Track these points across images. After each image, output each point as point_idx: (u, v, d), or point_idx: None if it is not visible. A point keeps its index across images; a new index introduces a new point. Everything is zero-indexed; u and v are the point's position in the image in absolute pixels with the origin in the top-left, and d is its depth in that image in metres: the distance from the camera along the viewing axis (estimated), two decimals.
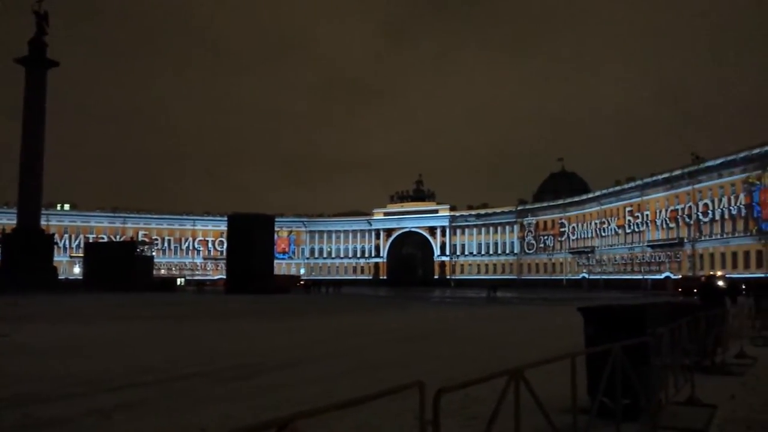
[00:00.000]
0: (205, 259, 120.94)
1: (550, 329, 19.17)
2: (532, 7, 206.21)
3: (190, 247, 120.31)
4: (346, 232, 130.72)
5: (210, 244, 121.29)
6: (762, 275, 60.60)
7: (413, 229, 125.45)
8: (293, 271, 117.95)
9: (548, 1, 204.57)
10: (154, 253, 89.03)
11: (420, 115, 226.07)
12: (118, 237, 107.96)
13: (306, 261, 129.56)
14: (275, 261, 79.51)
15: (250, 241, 58.27)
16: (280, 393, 8.55)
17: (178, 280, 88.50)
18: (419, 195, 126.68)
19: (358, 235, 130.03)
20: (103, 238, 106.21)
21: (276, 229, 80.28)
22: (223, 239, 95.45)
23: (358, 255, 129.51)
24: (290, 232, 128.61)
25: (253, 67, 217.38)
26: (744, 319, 17.57)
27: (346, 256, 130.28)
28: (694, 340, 9.00)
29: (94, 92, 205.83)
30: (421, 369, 10.35)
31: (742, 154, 69.75)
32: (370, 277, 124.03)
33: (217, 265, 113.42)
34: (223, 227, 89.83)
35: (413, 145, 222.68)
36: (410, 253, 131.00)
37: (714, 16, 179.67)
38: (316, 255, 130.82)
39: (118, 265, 65.83)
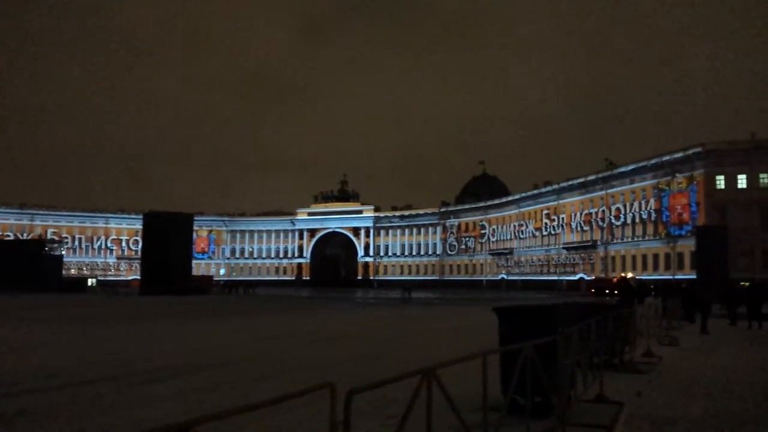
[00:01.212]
0: (118, 258, 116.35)
1: (467, 329, 19.50)
2: (451, 10, 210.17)
3: (103, 246, 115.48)
4: (268, 232, 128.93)
5: (124, 244, 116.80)
6: (669, 277, 64.01)
7: (337, 230, 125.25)
8: (213, 272, 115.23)
9: (466, 4, 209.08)
10: (63, 252, 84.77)
11: (344, 115, 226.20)
12: (25, 235, 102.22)
13: (226, 261, 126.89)
14: (194, 261, 77.46)
15: (166, 241, 56.38)
16: (192, 397, 8.29)
17: (90, 281, 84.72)
18: (344, 195, 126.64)
19: (281, 235, 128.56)
20: (9, 236, 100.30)
21: (195, 228, 78.14)
22: (138, 238, 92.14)
23: (281, 255, 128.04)
24: (210, 231, 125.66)
25: (169, 62, 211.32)
26: (651, 319, 18.43)
27: (269, 257, 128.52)
28: (603, 339, 9.33)
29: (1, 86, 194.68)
30: (339, 370, 10.28)
31: (652, 161, 73.52)
32: (293, 278, 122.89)
33: (132, 265, 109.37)
34: (139, 226, 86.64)
35: (338, 146, 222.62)
36: (334, 254, 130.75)
37: (630, 24, 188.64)
38: (237, 255, 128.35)
39: (25, 265, 62.42)
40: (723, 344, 16.24)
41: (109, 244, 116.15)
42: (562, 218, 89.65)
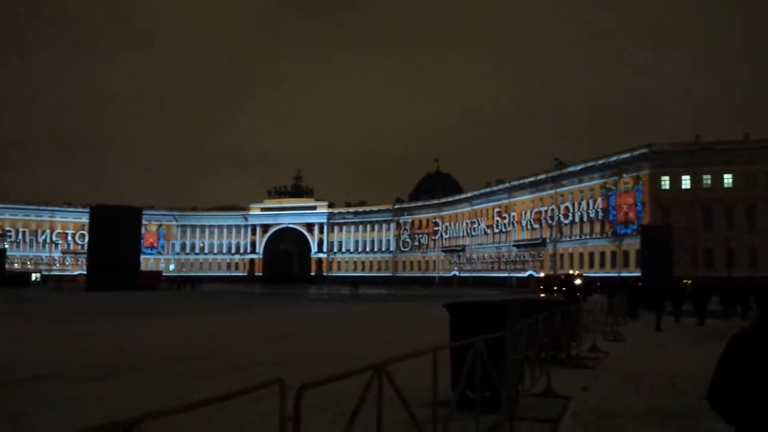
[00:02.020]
0: (64, 253, 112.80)
1: (420, 325, 19.63)
2: (404, 11, 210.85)
3: (48, 240, 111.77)
4: (220, 227, 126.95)
5: (70, 238, 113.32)
6: (615, 274, 65.67)
7: (291, 226, 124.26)
8: (162, 267, 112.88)
9: (419, 5, 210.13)
10: (6, 246, 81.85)
11: (298, 111, 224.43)
12: None
13: (176, 256, 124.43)
14: (142, 256, 75.80)
15: (114, 235, 55.01)
16: (141, 394, 8.12)
17: (33, 275, 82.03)
18: (298, 191, 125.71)
19: (233, 230, 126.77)
20: None
21: (144, 222, 76.43)
22: (85, 232, 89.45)
23: (233, 251, 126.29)
24: (160, 225, 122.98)
25: (116, 54, 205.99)
26: (597, 315, 18.90)
27: (220, 252, 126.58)
28: (551, 335, 9.53)
29: None
30: (292, 366, 10.23)
31: (600, 161, 75.35)
32: (245, 274, 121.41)
33: (78, 260, 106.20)
34: (85, 219, 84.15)
35: (292, 141, 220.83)
36: (287, 250, 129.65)
37: (579, 27, 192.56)
38: (188, 250, 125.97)
39: None
40: (667, 340, 16.76)
41: (54, 238, 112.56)
42: (513, 216, 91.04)
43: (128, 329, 18.45)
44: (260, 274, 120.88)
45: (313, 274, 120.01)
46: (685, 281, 43.48)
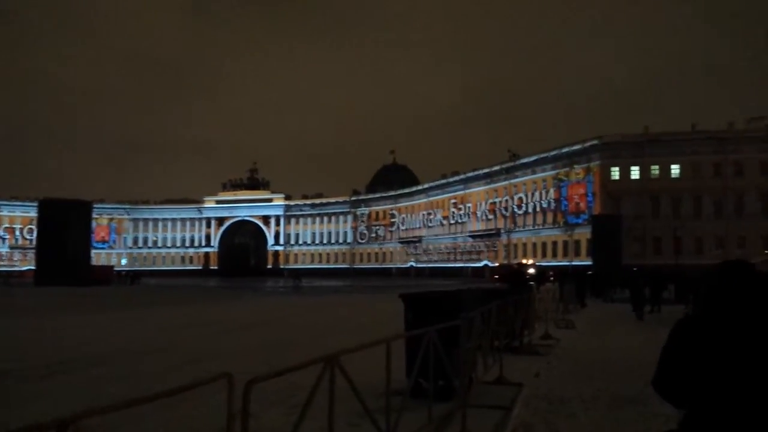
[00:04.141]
0: (11, 248, 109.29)
1: (376, 316, 19.67)
2: (358, 3, 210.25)
3: None
4: (174, 220, 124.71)
5: (17, 232, 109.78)
6: (566, 263, 67.02)
7: (246, 218, 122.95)
8: (114, 262, 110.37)
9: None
10: None
11: (253, 103, 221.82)
12: None
13: (128, 251, 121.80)
14: (93, 251, 73.93)
15: (63, 229, 53.54)
16: (89, 391, 7.93)
17: None
18: (253, 183, 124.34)
19: (188, 223, 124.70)
20: None
21: (95, 216, 74.48)
22: (33, 227, 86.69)
23: (187, 244, 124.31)
24: (111, 219, 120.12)
25: (60, 43, 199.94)
26: (549, 303, 19.27)
27: (174, 246, 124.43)
28: (504, 323, 9.67)
29: None
30: (246, 360, 10.14)
31: (552, 153, 76.71)
32: (200, 268, 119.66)
33: (26, 255, 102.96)
34: (33, 213, 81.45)
35: (248, 133, 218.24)
36: (243, 243, 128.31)
37: (531, 19, 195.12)
38: (140, 244, 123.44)
39: None
40: (618, 327, 17.18)
41: (1, 233, 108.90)
42: (469, 207, 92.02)
43: (78, 325, 17.98)
44: (215, 267, 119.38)
45: (269, 267, 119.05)
46: (634, 269, 44.63)
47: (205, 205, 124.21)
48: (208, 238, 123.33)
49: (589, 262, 52.17)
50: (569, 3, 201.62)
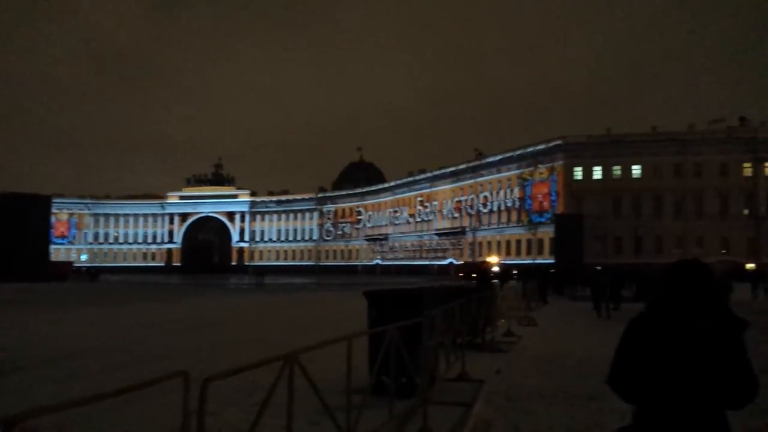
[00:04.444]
0: None
1: (341, 313, 19.63)
2: (319, 3, 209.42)
3: None
4: (135, 216, 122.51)
5: None
6: (530, 261, 67.88)
7: (211, 214, 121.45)
8: (74, 258, 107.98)
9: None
10: None
11: (219, 98, 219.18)
12: None
13: (89, 246, 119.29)
14: (52, 246, 72.23)
15: (21, 224, 52.12)
16: (40, 390, 7.74)
17: None
18: (218, 179, 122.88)
19: (150, 219, 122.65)
20: None
21: (54, 211, 72.66)
22: None
23: (149, 241, 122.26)
24: (71, 214, 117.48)
25: (16, 35, 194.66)
26: (512, 301, 19.50)
27: (136, 242, 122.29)
28: (467, 321, 9.74)
29: None
30: (206, 358, 10.01)
31: (517, 152, 77.53)
32: (163, 264, 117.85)
33: None
34: None
35: (213, 129, 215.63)
36: (206, 239, 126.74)
37: (496, 21, 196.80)
38: (101, 240, 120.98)
39: None
40: (579, 325, 17.44)
41: None
42: (435, 205, 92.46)
43: (35, 322, 17.52)
44: (178, 264, 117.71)
45: (234, 263, 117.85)
46: (597, 268, 45.38)
47: (168, 201, 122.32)
48: (170, 234, 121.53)
49: (552, 261, 52.86)
50: (535, 5, 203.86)
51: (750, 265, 58.44)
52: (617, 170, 69.81)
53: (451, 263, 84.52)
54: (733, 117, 70.32)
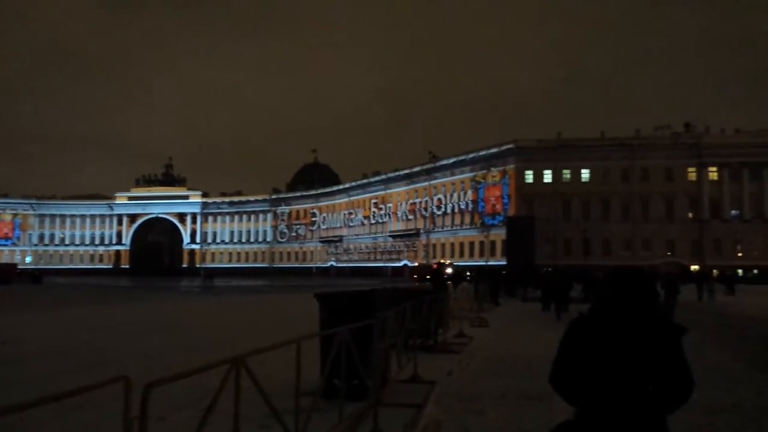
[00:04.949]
0: None
1: (295, 316, 19.47)
2: (273, 3, 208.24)
3: None
4: (83, 216, 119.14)
5: None
6: (483, 263, 68.69)
7: (161, 216, 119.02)
8: (18, 259, 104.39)
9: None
10: None
11: (170, 98, 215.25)
12: None
13: (34, 248, 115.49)
14: None
15: None
16: None
17: None
18: (169, 179, 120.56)
19: (98, 220, 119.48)
20: None
21: None
22: None
23: (97, 242, 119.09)
24: (15, 215, 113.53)
25: None
26: (464, 302, 19.69)
27: (83, 243, 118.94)
28: (418, 322, 9.78)
29: None
30: (149, 363, 9.80)
31: (470, 155, 78.46)
32: (110, 267, 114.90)
33: None
34: None
35: (164, 128, 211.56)
36: (156, 241, 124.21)
37: (451, 27, 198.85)
38: (47, 241, 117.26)
39: None
40: (529, 325, 17.71)
41: None
42: (389, 207, 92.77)
43: None
44: (127, 266, 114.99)
45: (185, 266, 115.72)
46: (546, 269, 46.23)
47: (117, 202, 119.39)
48: (119, 235, 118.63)
49: (505, 262, 53.58)
50: (490, 11, 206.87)
51: (694, 267, 60.49)
52: (567, 174, 71.32)
53: (405, 265, 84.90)
54: (678, 123, 72.73)
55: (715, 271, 52.84)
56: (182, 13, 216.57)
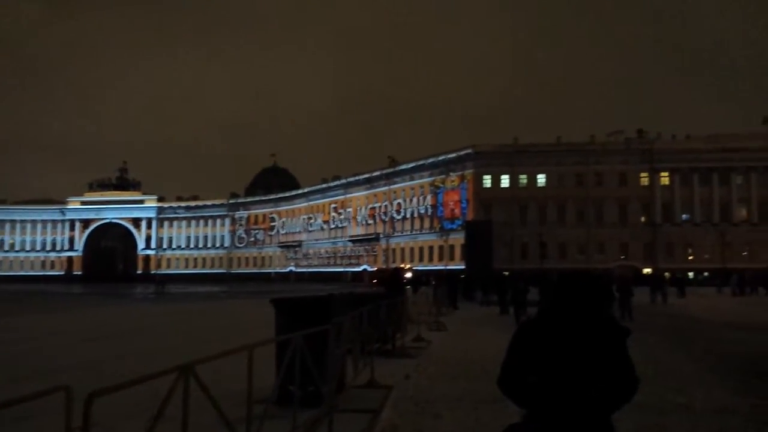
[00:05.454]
0: None
1: (251, 322, 19.23)
2: (232, 6, 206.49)
3: None
4: (33, 222, 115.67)
5: None
6: (442, 267, 69.16)
7: (115, 221, 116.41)
8: None
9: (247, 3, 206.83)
10: None
11: (124, 100, 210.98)
12: None
13: None
14: None
15: None
16: None
17: None
18: (123, 184, 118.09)
19: (49, 225, 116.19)
20: None
21: None
22: None
23: (48, 248, 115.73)
24: None
25: None
26: (423, 306, 19.73)
27: (33, 250, 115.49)
28: (376, 327, 9.77)
29: None
30: (95, 372, 9.54)
31: (430, 160, 79.01)
32: (62, 273, 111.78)
33: None
34: None
35: (117, 133, 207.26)
36: (110, 247, 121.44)
37: (410, 33, 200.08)
38: None
39: None
40: (487, 329, 17.84)
41: None
42: (349, 212, 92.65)
43: None
44: (79, 273, 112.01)
45: (140, 272, 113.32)
46: (504, 273, 46.74)
47: (69, 207, 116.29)
48: (71, 241, 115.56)
49: (463, 266, 54.03)
50: (451, 16, 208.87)
51: (647, 270, 62.02)
52: (524, 179, 72.41)
53: (365, 270, 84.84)
54: (631, 129, 74.63)
55: (667, 273, 54.23)
56: (136, 14, 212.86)
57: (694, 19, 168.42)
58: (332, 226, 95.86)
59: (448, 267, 67.45)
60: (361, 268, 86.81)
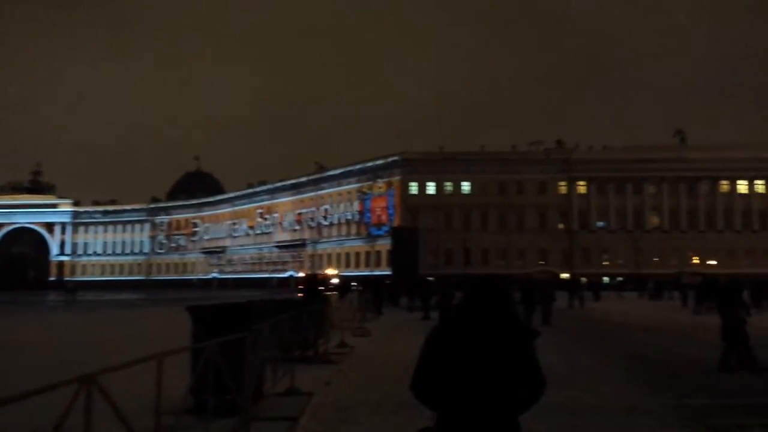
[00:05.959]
0: None
1: (168, 330, 18.65)
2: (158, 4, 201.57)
3: None
4: None
5: None
6: (369, 273, 69.29)
7: (27, 225, 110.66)
8: None
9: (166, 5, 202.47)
10: None
11: (38, 101, 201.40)
12: None
13: None
14: None
15: None
16: None
17: None
18: (36, 187, 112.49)
19: None
20: None
21: None
22: None
23: None
24: None
25: None
26: (347, 312, 19.71)
27: None
28: (297, 333, 9.67)
29: None
30: (6, 383, 9.00)
31: (357, 166, 79.25)
32: None
33: None
34: None
35: (31, 133, 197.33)
36: (20, 252, 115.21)
37: (338, 38, 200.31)
38: None
39: None
40: (410, 334, 17.96)
41: None
42: (276, 217, 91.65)
43: None
44: None
45: (53, 279, 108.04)
46: (429, 279, 47.28)
47: None
48: None
49: (390, 272, 54.29)
50: (378, 21, 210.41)
51: (564, 275, 64.21)
52: (449, 186, 73.72)
53: (291, 276, 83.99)
54: (551, 139, 77.33)
55: (584, 278, 56.35)
56: (52, 15, 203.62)
57: (611, 32, 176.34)
58: (258, 232, 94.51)
59: (375, 273, 67.69)
60: (287, 274, 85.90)
